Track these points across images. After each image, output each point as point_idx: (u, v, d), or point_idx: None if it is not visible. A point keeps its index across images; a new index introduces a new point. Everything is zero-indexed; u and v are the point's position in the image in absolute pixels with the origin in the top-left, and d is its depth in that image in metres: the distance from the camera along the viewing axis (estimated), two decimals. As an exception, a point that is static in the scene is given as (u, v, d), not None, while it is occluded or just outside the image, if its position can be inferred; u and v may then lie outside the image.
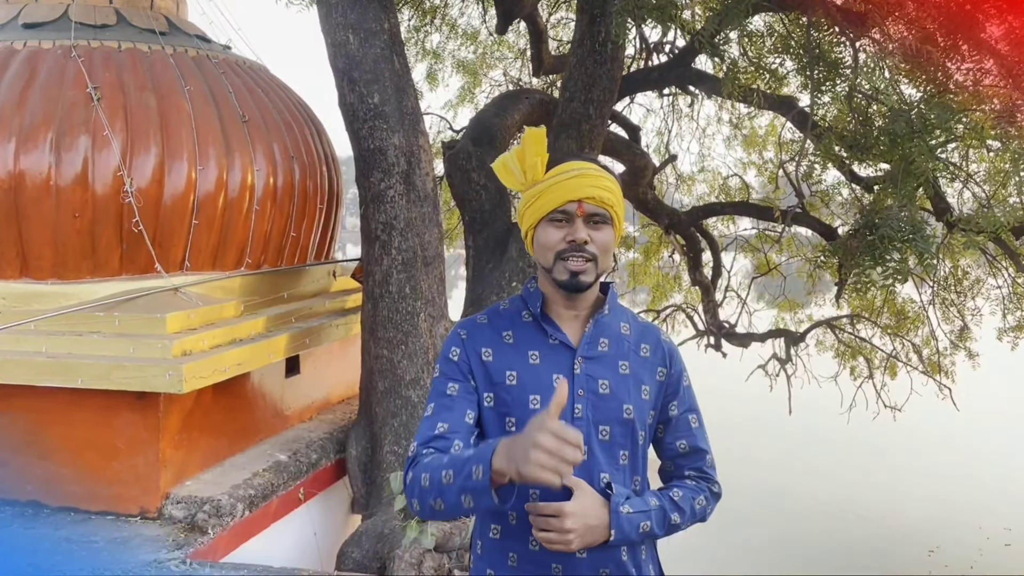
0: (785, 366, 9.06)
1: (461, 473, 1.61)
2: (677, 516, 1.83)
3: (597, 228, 1.83)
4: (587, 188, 1.81)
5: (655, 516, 1.80)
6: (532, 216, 1.87)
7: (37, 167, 4.39)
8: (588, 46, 5.52)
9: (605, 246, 1.84)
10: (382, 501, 4.73)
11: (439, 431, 1.79)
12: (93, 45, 4.79)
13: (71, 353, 4.15)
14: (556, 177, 1.83)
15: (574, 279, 1.81)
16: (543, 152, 1.85)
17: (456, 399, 1.84)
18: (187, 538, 3.98)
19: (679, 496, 1.86)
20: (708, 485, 1.93)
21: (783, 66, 5.53)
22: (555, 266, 1.83)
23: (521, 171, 1.87)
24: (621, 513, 1.75)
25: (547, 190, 1.83)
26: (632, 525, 1.76)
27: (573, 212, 1.81)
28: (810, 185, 7.39)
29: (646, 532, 1.78)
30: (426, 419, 1.84)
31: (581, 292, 1.85)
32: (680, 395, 1.95)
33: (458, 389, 1.85)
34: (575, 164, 1.85)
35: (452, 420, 1.81)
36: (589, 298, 1.90)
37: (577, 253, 1.80)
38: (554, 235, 1.83)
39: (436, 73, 9.65)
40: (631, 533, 1.76)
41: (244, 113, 4.98)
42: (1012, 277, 7.58)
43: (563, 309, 1.90)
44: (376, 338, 4.92)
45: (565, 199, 1.81)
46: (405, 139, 4.87)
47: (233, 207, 4.82)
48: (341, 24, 4.82)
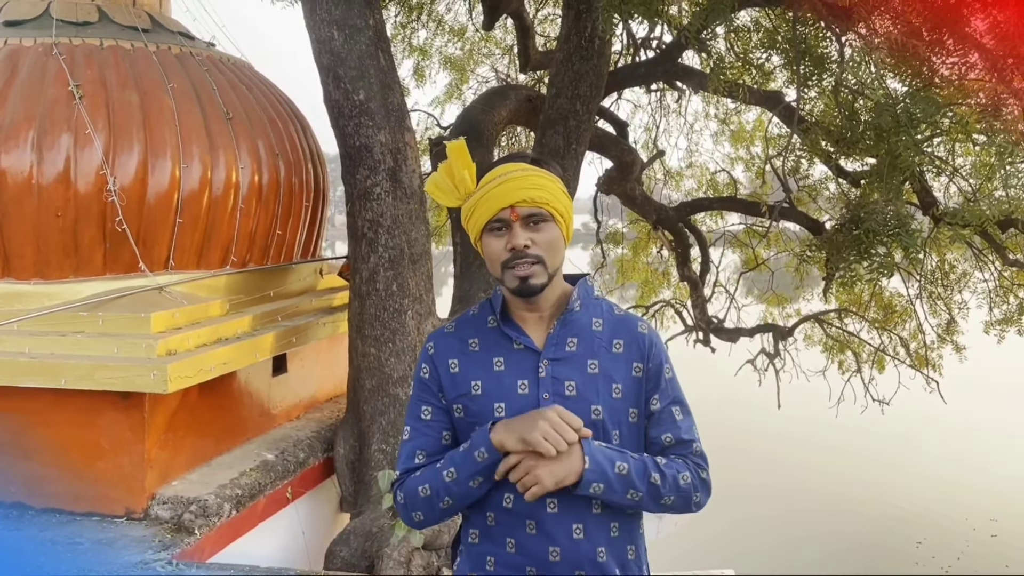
0: (773, 361, 9.09)
1: (464, 464, 1.76)
2: (658, 476, 1.77)
3: (537, 229, 1.80)
4: (517, 192, 1.78)
5: (633, 463, 1.76)
6: (474, 230, 1.86)
7: (18, 166, 4.34)
8: (575, 42, 5.51)
9: (549, 245, 1.81)
10: (370, 499, 4.71)
11: (418, 460, 1.87)
12: (75, 42, 4.75)
13: (54, 353, 4.11)
14: (486, 186, 1.81)
15: (524, 284, 1.79)
16: (469, 163, 1.83)
17: (431, 423, 1.89)
18: (173, 539, 3.95)
19: (662, 462, 1.81)
20: (696, 468, 1.85)
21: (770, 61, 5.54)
22: (504, 275, 1.81)
23: (453, 187, 1.85)
24: (592, 443, 1.75)
25: (480, 201, 1.81)
26: (606, 458, 1.74)
27: (508, 219, 1.79)
28: (797, 180, 7.40)
29: (624, 475, 1.74)
30: (404, 443, 1.90)
31: (535, 295, 1.82)
32: (662, 388, 1.88)
33: (431, 412, 1.89)
34: (503, 168, 1.83)
35: (429, 445, 1.88)
36: (551, 298, 1.87)
37: (520, 259, 1.78)
38: (496, 245, 1.81)
39: (423, 69, 9.62)
40: (605, 466, 1.73)
41: (228, 110, 4.94)
42: (998, 270, 7.61)
43: (525, 312, 1.88)
44: (363, 336, 4.89)
45: (497, 207, 1.79)
46: (391, 136, 4.84)
47: (218, 205, 4.79)
48: (326, 20, 4.79)
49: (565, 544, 1.77)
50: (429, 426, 1.88)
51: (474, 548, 1.85)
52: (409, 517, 1.86)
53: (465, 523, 1.90)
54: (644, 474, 1.77)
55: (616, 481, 1.74)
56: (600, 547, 1.78)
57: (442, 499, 1.78)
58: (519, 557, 1.78)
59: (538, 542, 1.77)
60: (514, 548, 1.78)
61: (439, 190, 1.87)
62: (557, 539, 1.77)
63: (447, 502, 1.79)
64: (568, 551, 1.76)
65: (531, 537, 1.78)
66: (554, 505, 1.76)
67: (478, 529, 1.85)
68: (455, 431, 1.88)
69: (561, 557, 1.76)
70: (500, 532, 1.80)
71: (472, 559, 1.86)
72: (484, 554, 1.83)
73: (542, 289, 1.81)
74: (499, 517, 1.80)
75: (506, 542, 1.79)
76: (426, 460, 1.85)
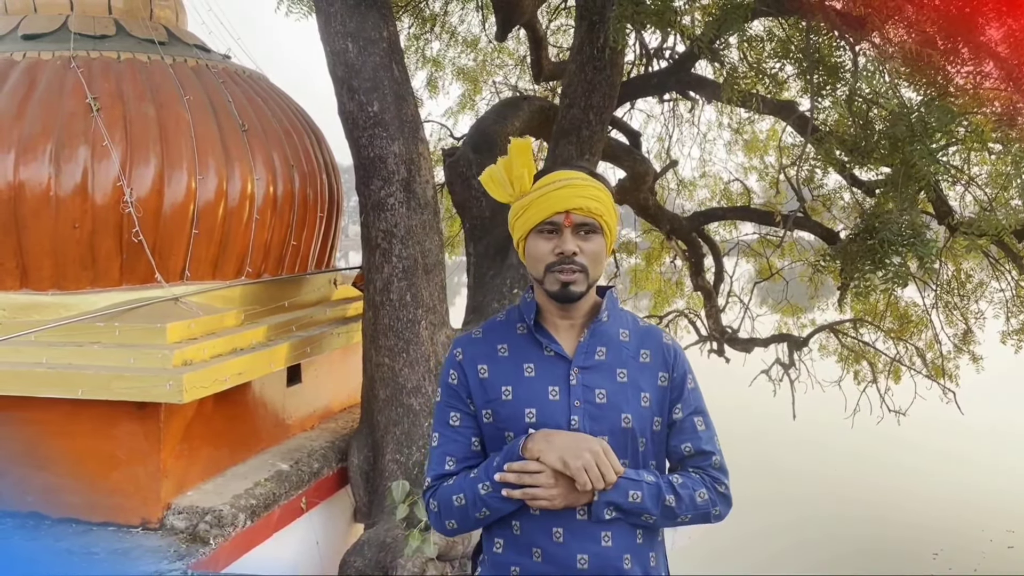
0: (788, 371, 9.04)
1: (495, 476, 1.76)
2: (672, 499, 1.79)
3: (586, 238, 1.82)
4: (574, 199, 1.80)
5: (647, 489, 1.77)
6: (521, 228, 1.87)
7: (37, 178, 4.38)
8: (587, 52, 5.52)
9: (595, 256, 1.83)
10: (384, 510, 4.71)
11: (448, 467, 1.87)
12: (92, 56, 4.80)
13: (71, 364, 4.13)
14: (543, 188, 1.83)
15: (565, 290, 1.81)
16: (530, 163, 1.85)
17: (460, 429, 1.89)
18: (188, 549, 3.97)
19: (678, 482, 1.83)
20: (713, 483, 1.86)
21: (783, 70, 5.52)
22: (546, 277, 1.83)
23: (508, 183, 1.86)
24: None
25: (535, 202, 1.83)
26: (619, 489, 1.75)
27: (561, 223, 1.80)
28: (811, 189, 7.36)
29: (637, 503, 1.76)
30: (433, 450, 1.90)
31: (573, 302, 1.85)
32: (684, 398, 1.90)
33: (460, 419, 1.89)
34: (562, 174, 1.85)
35: (458, 452, 1.88)
36: (584, 307, 1.89)
37: (566, 264, 1.80)
38: (543, 247, 1.83)
39: (436, 81, 9.65)
40: (618, 498, 1.75)
41: (244, 122, 4.98)
42: (1015, 280, 7.55)
43: (558, 319, 1.89)
44: (377, 346, 4.90)
45: (552, 211, 1.80)
46: (405, 147, 4.86)
47: (233, 216, 4.81)
48: (340, 33, 4.81)
49: (593, 551, 1.77)
50: (458, 432, 1.88)
51: (498, 557, 1.85)
52: (442, 525, 1.86)
53: (488, 533, 1.89)
54: (658, 498, 1.78)
55: (628, 508, 1.77)
56: (626, 554, 1.79)
57: (479, 510, 1.79)
58: (545, 566, 1.78)
59: (565, 551, 1.77)
60: (540, 557, 1.78)
61: (493, 182, 1.89)
62: (586, 547, 1.77)
63: (484, 513, 1.79)
64: (596, 558, 1.76)
65: (558, 546, 1.78)
66: (584, 513, 1.77)
67: (503, 539, 1.84)
68: (483, 437, 1.88)
69: (589, 564, 1.76)
70: (526, 542, 1.80)
71: (496, 568, 1.86)
72: (508, 564, 1.83)
73: (580, 297, 1.83)
74: (525, 526, 1.80)
75: (532, 552, 1.79)
76: (456, 467, 1.86)
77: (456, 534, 1.89)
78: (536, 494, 1.72)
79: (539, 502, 1.73)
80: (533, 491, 1.72)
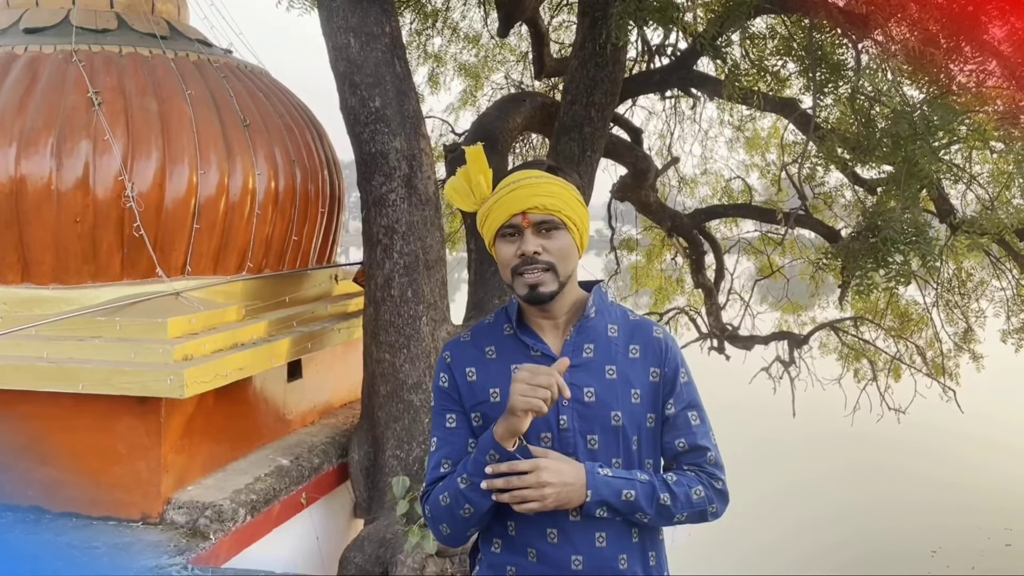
0: (788, 369, 9.04)
1: (476, 469, 1.74)
2: (667, 497, 1.78)
3: (549, 236, 1.80)
4: (529, 199, 1.78)
5: (640, 488, 1.76)
6: (487, 234, 1.87)
7: (38, 172, 4.38)
8: (589, 49, 5.51)
9: (561, 252, 1.81)
10: (384, 505, 4.71)
11: (443, 469, 1.86)
12: (94, 50, 4.79)
13: (72, 358, 4.14)
14: (500, 192, 1.82)
15: (533, 292, 1.80)
16: (486, 169, 1.84)
17: (457, 431, 1.89)
18: (189, 543, 3.97)
19: (673, 480, 1.81)
20: (709, 480, 1.85)
21: (785, 68, 5.52)
22: (514, 281, 1.82)
23: (469, 191, 1.85)
24: (598, 474, 1.74)
25: (494, 206, 1.82)
26: (612, 489, 1.74)
27: (520, 224, 1.79)
28: (813, 187, 7.37)
29: (630, 502, 1.75)
30: (431, 455, 1.90)
31: (545, 303, 1.83)
32: (677, 392, 1.88)
33: (456, 420, 1.89)
34: (519, 175, 1.83)
35: (455, 454, 1.86)
36: (565, 304, 1.88)
37: (530, 266, 1.79)
38: (507, 250, 1.82)
39: (438, 76, 9.64)
40: (611, 498, 1.73)
41: (245, 117, 4.97)
42: (1016, 279, 7.55)
43: (541, 319, 1.89)
44: (378, 342, 4.90)
45: (509, 213, 1.79)
46: (406, 143, 4.86)
47: (234, 211, 4.81)
48: (342, 28, 4.81)
49: (588, 552, 1.77)
50: (455, 434, 1.88)
51: (495, 557, 1.86)
52: (437, 530, 1.85)
53: (485, 532, 1.89)
54: (652, 497, 1.77)
55: (622, 507, 1.76)
56: (622, 554, 1.79)
57: (461, 507, 1.77)
58: (541, 566, 1.78)
59: (560, 551, 1.77)
60: (535, 558, 1.78)
61: (457, 194, 1.88)
62: (580, 547, 1.77)
63: (467, 510, 1.76)
64: (591, 559, 1.76)
65: (552, 546, 1.78)
66: (576, 513, 1.76)
67: (500, 539, 1.84)
68: (476, 439, 1.87)
69: (584, 565, 1.76)
70: (521, 542, 1.80)
71: (493, 568, 1.86)
72: (505, 563, 1.83)
73: (551, 297, 1.81)
74: (520, 527, 1.80)
75: (527, 552, 1.79)
76: (451, 469, 1.84)
77: (454, 541, 1.86)
78: (526, 495, 1.70)
79: (530, 505, 1.71)
80: (523, 493, 1.70)
